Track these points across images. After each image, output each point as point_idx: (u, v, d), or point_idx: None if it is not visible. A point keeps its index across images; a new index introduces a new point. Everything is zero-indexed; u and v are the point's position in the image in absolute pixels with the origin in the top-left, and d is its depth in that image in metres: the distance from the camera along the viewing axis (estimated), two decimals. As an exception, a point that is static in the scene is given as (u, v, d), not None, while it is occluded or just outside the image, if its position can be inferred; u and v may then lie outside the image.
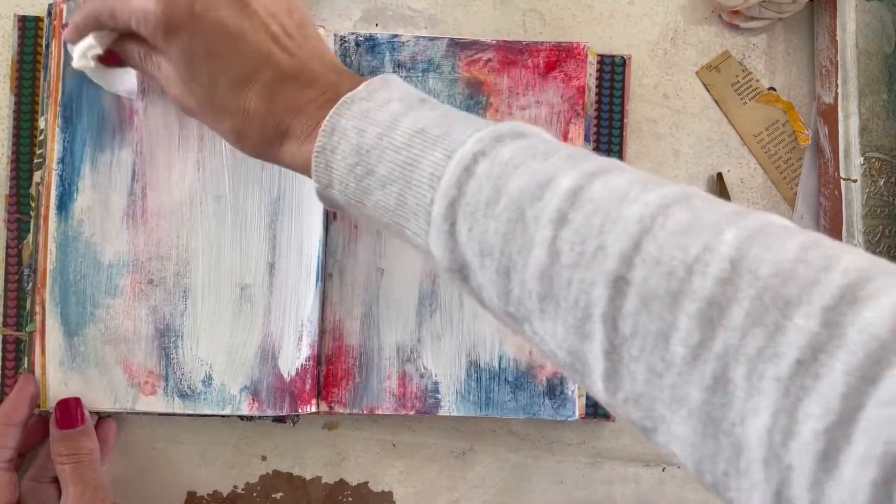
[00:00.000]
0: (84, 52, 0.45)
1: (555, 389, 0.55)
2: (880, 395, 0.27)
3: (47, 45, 0.53)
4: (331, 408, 0.54)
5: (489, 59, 0.56)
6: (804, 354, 0.28)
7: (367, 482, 0.56)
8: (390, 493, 0.57)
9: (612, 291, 0.32)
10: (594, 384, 0.35)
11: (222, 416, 0.53)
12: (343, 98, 0.40)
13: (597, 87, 0.58)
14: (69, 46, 0.48)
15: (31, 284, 0.52)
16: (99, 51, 0.45)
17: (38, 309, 0.52)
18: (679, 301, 0.31)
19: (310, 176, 0.41)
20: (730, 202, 0.35)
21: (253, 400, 0.52)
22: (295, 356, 0.53)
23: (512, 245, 0.35)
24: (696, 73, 0.60)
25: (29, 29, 0.54)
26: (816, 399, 0.28)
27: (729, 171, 0.60)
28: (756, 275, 0.30)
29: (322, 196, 0.42)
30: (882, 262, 0.31)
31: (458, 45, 0.56)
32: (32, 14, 0.54)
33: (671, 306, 0.31)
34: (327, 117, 0.40)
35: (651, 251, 0.32)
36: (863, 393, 0.27)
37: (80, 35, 0.45)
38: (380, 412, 0.54)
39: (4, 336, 0.53)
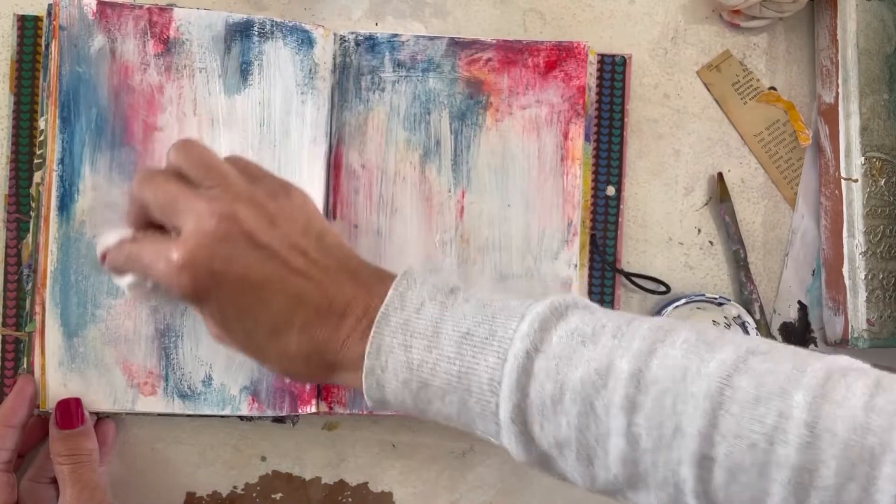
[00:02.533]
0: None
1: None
2: None
3: (47, 45, 0.53)
4: (330, 408, 0.54)
5: (489, 59, 0.56)
6: None
7: (367, 483, 0.56)
8: (390, 494, 0.56)
9: (698, 470, 0.34)
10: None
11: (222, 416, 0.53)
12: (379, 314, 0.40)
13: (597, 86, 0.58)
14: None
15: (30, 284, 0.52)
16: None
17: (37, 309, 0.52)
18: (767, 471, 0.33)
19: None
20: (786, 347, 0.36)
21: (253, 400, 0.52)
22: (295, 356, 0.53)
23: (588, 436, 0.36)
24: (697, 72, 0.60)
25: (28, 28, 0.54)
26: None
27: (729, 170, 0.59)
28: (834, 433, 0.32)
29: (380, 409, 0.43)
30: None
31: (458, 45, 0.55)
32: (32, 14, 0.54)
33: (760, 476, 0.33)
34: (370, 338, 0.40)
35: (729, 426, 0.34)
36: None
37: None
38: (380, 412, 0.54)
39: (4, 336, 0.53)
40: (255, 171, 0.45)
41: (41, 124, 0.52)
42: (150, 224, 0.44)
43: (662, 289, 0.58)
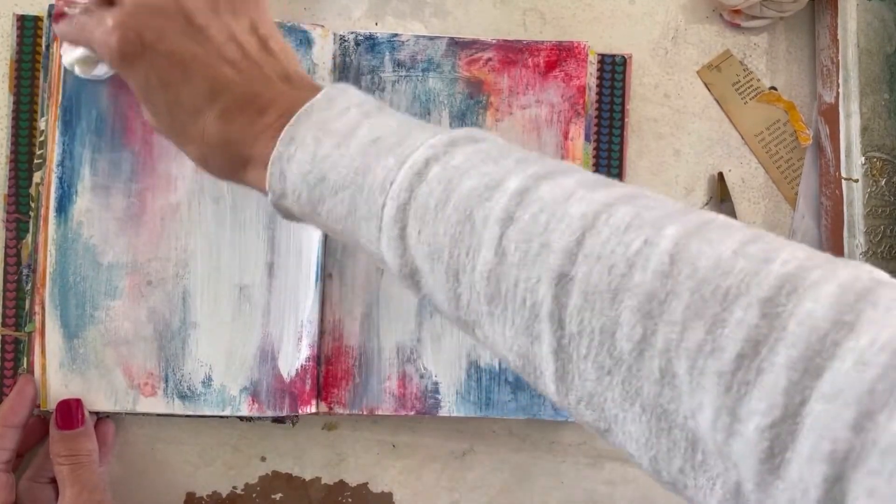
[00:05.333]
0: (78, 58, 0.48)
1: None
2: (824, 388, 0.26)
3: (47, 46, 0.53)
4: (330, 408, 0.54)
5: (489, 59, 0.56)
6: (745, 348, 0.28)
7: (367, 483, 0.56)
8: (390, 494, 0.56)
9: (556, 289, 0.32)
10: (547, 387, 0.34)
11: (222, 416, 0.53)
12: (302, 108, 0.40)
13: (597, 86, 0.57)
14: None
15: (29, 284, 0.52)
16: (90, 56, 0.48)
17: (37, 309, 0.52)
18: (620, 296, 0.31)
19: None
20: (676, 201, 0.34)
21: (253, 401, 0.52)
22: (295, 357, 0.53)
23: (461, 247, 0.35)
24: (697, 72, 0.60)
25: (28, 29, 0.54)
26: (758, 395, 0.27)
27: (730, 170, 0.59)
28: (695, 267, 0.30)
29: (277, 207, 0.42)
30: (822, 254, 0.30)
31: (458, 45, 0.55)
32: (31, 14, 0.54)
33: (613, 301, 0.31)
34: (286, 127, 0.40)
35: (594, 247, 0.32)
36: (806, 387, 0.27)
37: (70, 42, 0.48)
38: (380, 413, 0.54)
39: (3, 336, 0.53)
40: None
41: (41, 125, 0.52)
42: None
43: (662, 289, 0.58)
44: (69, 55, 0.49)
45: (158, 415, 0.53)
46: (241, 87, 0.41)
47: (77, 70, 0.50)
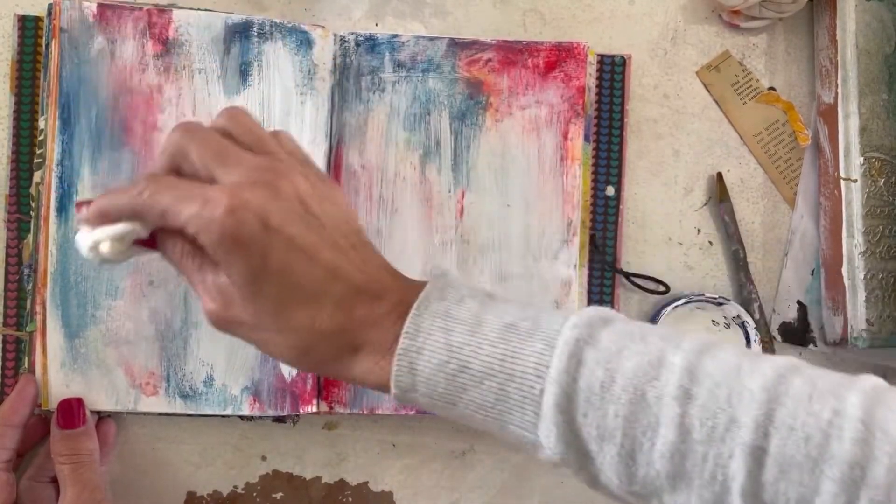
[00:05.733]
0: (115, 235, 0.39)
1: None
2: None
3: (47, 45, 0.53)
4: (331, 408, 0.54)
5: (489, 59, 0.56)
6: None
7: (367, 482, 0.56)
8: (390, 494, 0.57)
9: (750, 463, 0.34)
10: None
11: (223, 416, 0.53)
12: (419, 299, 0.39)
13: (597, 86, 0.58)
14: (80, 229, 0.40)
15: (31, 284, 0.52)
16: (142, 234, 0.39)
17: (38, 309, 0.52)
18: (819, 466, 0.33)
19: (383, 390, 0.40)
20: (828, 370, 0.37)
21: (254, 400, 0.52)
22: (295, 356, 0.53)
23: (635, 427, 0.36)
24: (696, 72, 0.60)
25: (29, 29, 0.54)
26: None
27: (729, 170, 0.60)
28: (886, 432, 0.33)
29: (400, 400, 0.40)
30: None
31: (458, 45, 0.56)
32: (32, 14, 0.54)
33: (812, 471, 0.33)
34: (409, 319, 0.38)
35: (784, 419, 0.34)
36: None
37: (104, 221, 0.39)
38: (380, 412, 0.54)
39: (4, 336, 0.53)
40: (302, 156, 0.43)
41: (41, 124, 0.53)
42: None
43: (662, 289, 0.58)
44: (96, 234, 0.39)
45: (159, 414, 0.53)
46: (357, 274, 0.40)
47: (106, 250, 0.39)
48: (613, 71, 0.58)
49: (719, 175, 0.59)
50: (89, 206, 0.39)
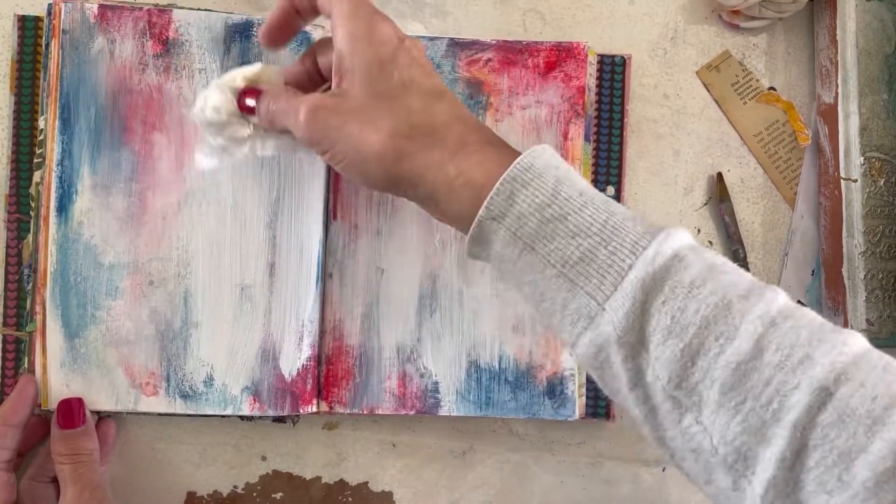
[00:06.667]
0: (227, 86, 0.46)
1: (555, 389, 0.55)
2: None
3: (47, 45, 0.53)
4: (331, 408, 0.54)
5: (489, 59, 0.56)
6: None
7: (367, 482, 0.56)
8: (390, 494, 0.57)
9: (812, 399, 0.33)
10: (749, 485, 0.35)
11: (223, 416, 0.53)
12: (537, 148, 0.40)
13: (597, 86, 0.58)
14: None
15: (31, 284, 0.52)
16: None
17: (38, 309, 0.52)
18: (877, 426, 0.32)
19: (450, 208, 0.41)
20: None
21: (254, 400, 0.52)
22: (296, 356, 0.53)
23: (711, 330, 0.35)
24: (697, 72, 0.60)
25: (29, 29, 0.54)
26: None
27: (729, 170, 0.60)
28: None
29: (481, 227, 0.40)
30: None
31: (458, 45, 0.56)
32: (32, 14, 0.54)
33: (869, 429, 0.32)
34: (523, 154, 0.39)
35: (857, 376, 0.34)
36: None
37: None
38: (380, 412, 0.54)
39: (4, 336, 0.53)
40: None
41: (41, 123, 0.53)
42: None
43: (662, 289, 0.58)
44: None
45: (159, 414, 0.53)
46: (472, 121, 0.43)
47: (245, 134, 0.47)
48: (613, 71, 0.58)
49: (719, 175, 0.59)
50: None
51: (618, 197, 0.57)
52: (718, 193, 0.59)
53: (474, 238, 0.40)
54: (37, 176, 0.52)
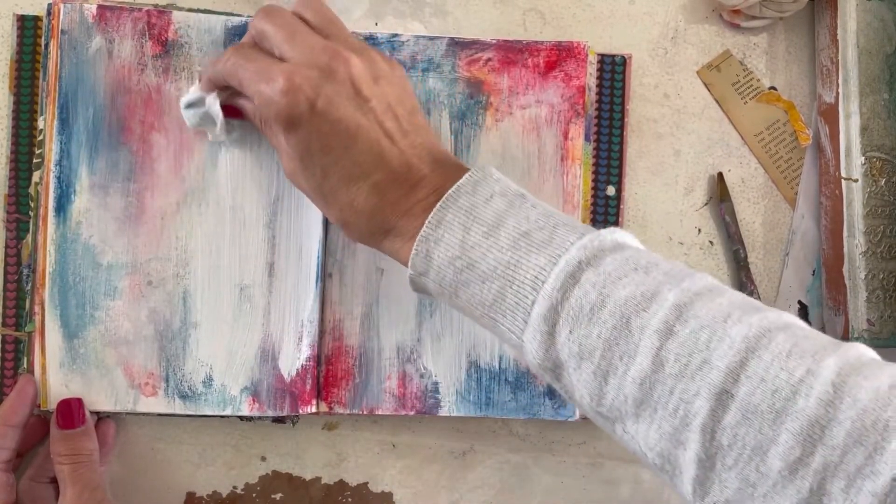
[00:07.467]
0: (212, 101, 0.49)
1: (555, 390, 0.55)
2: None
3: (46, 45, 0.53)
4: (331, 408, 0.54)
5: (489, 59, 0.56)
6: None
7: (367, 483, 0.56)
8: (390, 494, 0.56)
9: (714, 403, 0.35)
10: (683, 486, 0.37)
11: (222, 416, 0.53)
12: (449, 193, 0.42)
13: (597, 86, 0.58)
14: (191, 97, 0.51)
15: (30, 284, 0.52)
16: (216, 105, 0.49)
17: (37, 309, 0.52)
18: (781, 418, 0.34)
19: (405, 264, 0.44)
20: (824, 334, 0.37)
21: (253, 400, 0.52)
22: (295, 356, 0.53)
23: (614, 351, 0.37)
24: (697, 72, 0.60)
25: (28, 28, 0.54)
26: None
27: (730, 170, 0.59)
28: (856, 399, 0.33)
29: (414, 282, 0.44)
30: None
31: (457, 45, 0.55)
32: (31, 14, 0.54)
33: (773, 422, 0.34)
34: (434, 210, 0.42)
35: (757, 370, 0.35)
36: None
37: (211, 88, 0.49)
38: (380, 412, 0.54)
39: (4, 336, 0.53)
40: (364, 44, 0.48)
41: (40, 123, 0.53)
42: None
43: (662, 289, 0.58)
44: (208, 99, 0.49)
45: (159, 414, 0.53)
46: (397, 160, 0.44)
47: (193, 115, 0.51)
48: (614, 71, 0.58)
49: (720, 175, 0.59)
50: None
51: (618, 197, 0.57)
52: (719, 193, 0.59)
53: (414, 287, 0.44)
54: (36, 176, 0.52)
